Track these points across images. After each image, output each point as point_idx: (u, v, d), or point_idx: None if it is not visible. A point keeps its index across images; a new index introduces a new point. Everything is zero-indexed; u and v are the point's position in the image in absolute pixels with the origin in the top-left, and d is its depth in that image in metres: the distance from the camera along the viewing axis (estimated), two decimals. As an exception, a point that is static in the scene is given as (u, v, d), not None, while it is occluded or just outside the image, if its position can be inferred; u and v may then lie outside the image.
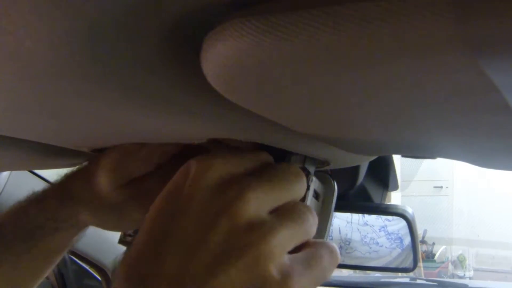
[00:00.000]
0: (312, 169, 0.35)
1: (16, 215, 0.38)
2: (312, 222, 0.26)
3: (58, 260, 0.41)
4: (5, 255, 0.38)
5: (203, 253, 0.22)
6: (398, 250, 0.78)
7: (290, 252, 0.24)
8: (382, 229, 0.78)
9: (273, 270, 0.22)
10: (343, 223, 0.79)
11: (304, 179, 0.28)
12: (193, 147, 0.32)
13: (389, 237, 0.78)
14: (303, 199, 0.34)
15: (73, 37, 0.16)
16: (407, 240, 0.74)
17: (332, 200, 0.36)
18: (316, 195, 0.36)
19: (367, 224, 0.79)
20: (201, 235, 0.23)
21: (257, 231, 0.23)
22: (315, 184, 0.35)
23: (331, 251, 0.26)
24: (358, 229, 0.79)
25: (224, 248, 0.22)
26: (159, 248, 0.24)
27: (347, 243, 0.79)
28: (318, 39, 0.14)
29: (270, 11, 0.14)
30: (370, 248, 0.79)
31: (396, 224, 0.77)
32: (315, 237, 0.35)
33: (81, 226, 0.39)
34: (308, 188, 0.34)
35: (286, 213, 0.25)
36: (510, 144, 0.26)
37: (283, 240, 0.23)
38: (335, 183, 0.37)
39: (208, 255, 0.22)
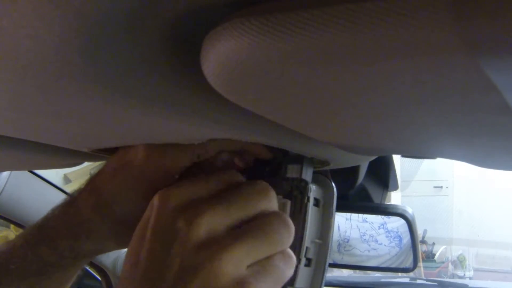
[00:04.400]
0: (309, 178, 0.35)
1: (25, 253, 0.38)
2: (283, 233, 0.28)
3: (70, 283, 0.42)
4: (17, 284, 0.38)
5: (165, 277, 0.26)
6: (397, 249, 0.77)
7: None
8: (382, 226, 0.78)
9: (229, 284, 0.25)
10: (342, 220, 0.78)
11: (273, 193, 0.29)
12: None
13: (388, 235, 0.78)
14: (303, 208, 0.34)
15: (73, 37, 0.16)
16: (406, 238, 0.74)
17: (332, 203, 0.36)
18: (317, 202, 0.36)
19: (366, 221, 0.78)
20: (161, 261, 0.27)
21: (206, 251, 0.26)
22: (314, 192, 0.35)
23: (287, 257, 0.28)
24: (357, 226, 0.78)
25: (181, 270, 0.26)
26: (133, 275, 0.27)
27: (346, 240, 0.78)
28: (318, 39, 0.14)
29: (270, 11, 0.14)
30: (369, 246, 0.78)
31: (396, 222, 0.76)
32: (321, 242, 0.35)
33: (88, 257, 0.40)
34: (308, 200, 0.34)
35: (247, 229, 0.27)
36: (509, 144, 0.26)
37: (238, 256, 0.26)
38: (334, 186, 0.37)
39: (170, 278, 0.26)
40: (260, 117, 0.23)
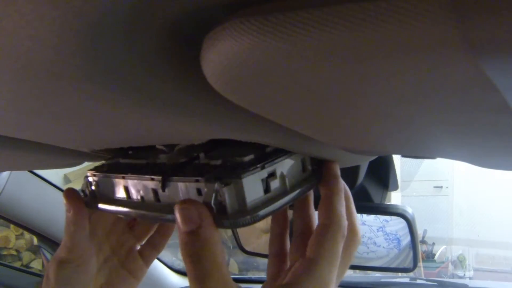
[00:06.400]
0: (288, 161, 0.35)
1: None
2: None
3: None
4: None
5: None
6: (396, 251, 0.77)
7: None
8: (380, 229, 0.78)
9: None
10: (341, 221, 0.78)
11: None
12: None
13: (387, 237, 0.77)
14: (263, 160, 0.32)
15: (73, 37, 0.16)
16: (405, 241, 0.74)
17: (306, 189, 0.35)
18: (282, 176, 0.34)
19: (365, 224, 0.78)
20: None
21: None
22: (284, 167, 0.34)
23: None
24: (356, 229, 0.78)
25: None
26: None
27: (345, 242, 0.78)
28: (318, 39, 0.14)
29: (270, 11, 0.14)
30: (368, 248, 0.78)
31: (395, 225, 0.76)
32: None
33: None
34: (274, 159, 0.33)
35: None
36: (509, 144, 0.26)
37: None
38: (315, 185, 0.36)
39: None
40: (260, 117, 0.23)
